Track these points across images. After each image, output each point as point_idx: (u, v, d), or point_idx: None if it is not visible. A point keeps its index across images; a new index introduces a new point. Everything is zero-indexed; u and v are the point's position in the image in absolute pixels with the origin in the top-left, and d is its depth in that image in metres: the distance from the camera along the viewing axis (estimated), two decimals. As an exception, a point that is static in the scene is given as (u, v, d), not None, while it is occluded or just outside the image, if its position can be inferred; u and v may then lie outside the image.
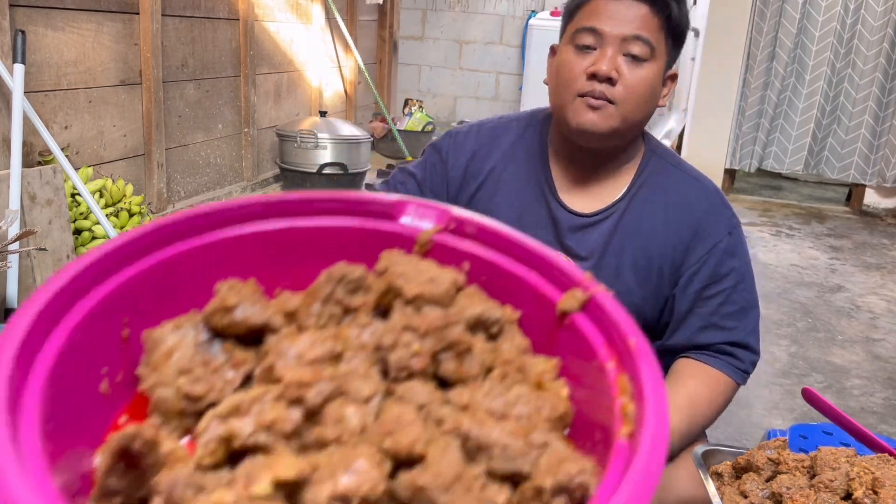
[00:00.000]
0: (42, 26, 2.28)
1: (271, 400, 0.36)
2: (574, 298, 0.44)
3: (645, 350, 0.39)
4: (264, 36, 3.61)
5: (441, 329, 0.42)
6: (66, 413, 0.36)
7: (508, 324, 0.46)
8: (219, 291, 0.43)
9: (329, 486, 0.32)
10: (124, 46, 2.65)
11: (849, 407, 2.10)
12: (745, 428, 1.97)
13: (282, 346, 0.40)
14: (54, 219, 2.10)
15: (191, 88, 3.08)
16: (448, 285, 0.45)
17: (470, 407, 0.39)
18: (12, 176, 1.94)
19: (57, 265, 2.10)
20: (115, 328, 0.42)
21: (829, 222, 4.30)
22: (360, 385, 0.38)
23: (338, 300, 0.44)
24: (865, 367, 2.40)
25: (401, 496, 0.34)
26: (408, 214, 0.50)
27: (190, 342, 0.41)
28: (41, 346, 0.36)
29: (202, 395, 0.39)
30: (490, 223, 0.49)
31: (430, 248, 0.49)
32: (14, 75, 2.03)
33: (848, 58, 4.35)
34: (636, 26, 1.01)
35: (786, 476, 0.78)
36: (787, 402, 2.13)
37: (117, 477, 0.33)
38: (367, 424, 0.37)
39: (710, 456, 0.88)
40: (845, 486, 0.75)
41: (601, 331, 0.42)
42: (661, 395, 0.36)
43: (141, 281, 0.43)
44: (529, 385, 0.42)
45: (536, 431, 0.38)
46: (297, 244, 0.49)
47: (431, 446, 0.35)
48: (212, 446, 0.35)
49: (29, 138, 2.18)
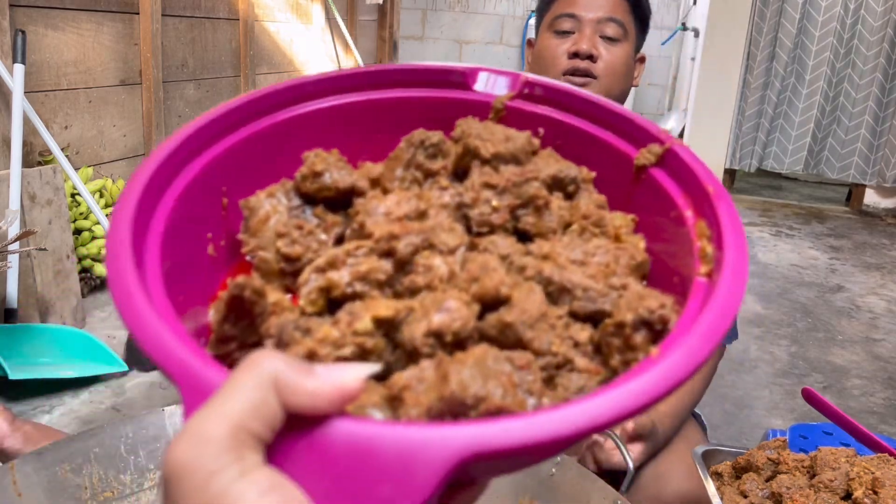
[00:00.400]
0: (42, 26, 2.28)
1: (364, 253, 0.39)
2: (651, 153, 0.45)
3: (722, 194, 0.40)
4: (264, 36, 3.61)
5: (519, 185, 0.43)
6: (181, 275, 0.40)
7: (584, 183, 0.47)
8: (307, 159, 0.45)
9: (424, 323, 0.35)
10: (124, 46, 2.65)
11: (849, 407, 2.10)
12: (745, 428, 1.97)
13: (370, 205, 0.42)
14: (54, 219, 2.10)
15: (191, 88, 3.08)
16: (523, 142, 0.46)
17: (550, 256, 0.40)
18: (12, 176, 1.94)
19: (57, 265, 2.09)
20: (216, 196, 0.45)
21: (829, 222, 4.30)
22: (446, 237, 0.40)
23: (418, 164, 0.46)
24: (865, 368, 2.40)
25: (489, 334, 0.36)
26: (481, 82, 0.52)
27: (283, 209, 0.44)
28: (153, 214, 0.39)
29: (299, 256, 0.42)
30: (563, 85, 0.50)
31: (505, 115, 0.50)
32: (14, 75, 2.02)
33: (848, 58, 4.35)
34: (609, 9, 1.17)
35: (786, 476, 0.78)
36: (787, 402, 2.13)
37: (231, 324, 0.36)
38: (454, 272, 0.39)
39: (710, 456, 0.89)
40: (845, 486, 0.75)
41: (678, 182, 0.43)
42: (740, 234, 0.37)
43: (235, 153, 0.46)
44: (608, 238, 0.43)
45: (616, 276, 0.39)
46: (376, 116, 0.51)
47: (516, 289, 0.37)
48: (313, 296, 0.38)
49: (29, 138, 2.17)
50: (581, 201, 0.46)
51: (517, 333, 0.36)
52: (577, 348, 0.37)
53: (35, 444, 0.83)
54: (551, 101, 0.50)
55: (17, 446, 0.84)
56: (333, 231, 0.44)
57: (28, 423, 0.88)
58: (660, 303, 0.36)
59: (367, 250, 0.39)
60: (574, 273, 0.39)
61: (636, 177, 0.46)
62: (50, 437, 0.85)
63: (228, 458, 0.26)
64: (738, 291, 0.34)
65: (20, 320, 1.98)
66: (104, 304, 2.31)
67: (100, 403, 1.81)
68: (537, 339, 0.36)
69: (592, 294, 0.38)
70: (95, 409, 1.79)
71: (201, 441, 0.26)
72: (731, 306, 0.33)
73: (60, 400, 1.80)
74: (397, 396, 0.32)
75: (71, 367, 1.87)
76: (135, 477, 0.78)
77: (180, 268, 0.40)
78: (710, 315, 0.32)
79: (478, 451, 0.27)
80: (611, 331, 0.36)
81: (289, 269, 0.42)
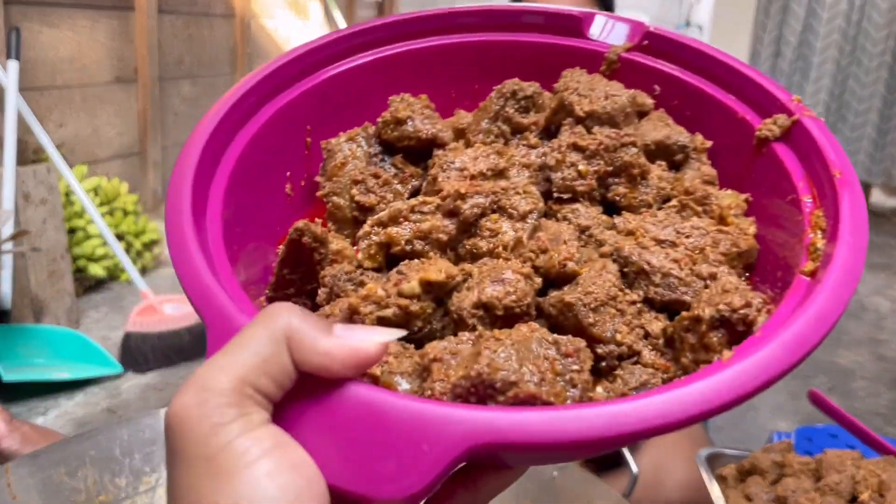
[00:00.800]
0: (37, 23, 2.27)
1: (430, 210, 0.36)
2: (777, 125, 0.40)
3: (851, 182, 0.34)
4: (261, 33, 3.60)
5: (612, 150, 0.39)
6: (251, 210, 0.38)
7: (697, 153, 0.42)
8: (392, 103, 0.43)
9: (475, 293, 0.32)
10: (120, 43, 2.63)
11: (854, 409, 2.08)
12: (750, 430, 1.96)
13: (446, 159, 0.39)
14: (48, 218, 2.08)
15: (187, 86, 3.07)
16: (625, 103, 0.41)
17: (635, 233, 0.37)
18: (6, 175, 1.92)
19: (51, 265, 2.08)
20: (300, 134, 0.43)
21: (833, 222, 4.28)
22: (518, 201, 0.37)
23: (507, 118, 0.43)
24: (871, 369, 2.38)
25: (549, 312, 0.34)
26: (596, 28, 0.47)
27: (362, 154, 0.42)
28: (229, 142, 0.38)
29: (373, 205, 0.40)
30: (690, 39, 0.45)
31: (619, 67, 0.46)
32: (8, 72, 2.01)
33: (853, 55, 4.32)
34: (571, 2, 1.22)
35: (791, 479, 0.77)
36: (792, 404, 2.11)
37: (290, 269, 0.35)
38: (522, 239, 0.36)
39: (715, 459, 0.88)
40: (851, 489, 0.74)
41: (802, 161, 0.38)
42: (860, 231, 0.32)
43: (322, 91, 0.44)
44: (710, 218, 0.38)
45: (705, 263, 0.35)
46: (475, 60, 0.48)
47: (586, 266, 0.34)
48: (372, 250, 0.36)
49: (23, 136, 2.16)
50: (687, 174, 0.41)
51: (577, 316, 0.32)
52: (646, 340, 0.33)
53: (33, 445, 0.82)
54: (673, 55, 0.45)
55: (15, 447, 0.83)
56: (411, 183, 0.42)
57: (26, 424, 0.87)
58: (744, 301, 0.31)
59: (433, 207, 0.36)
60: (656, 255, 0.35)
61: (756, 150, 0.40)
62: (48, 438, 0.85)
63: (232, 413, 0.25)
64: (841, 298, 0.29)
65: (14, 321, 1.97)
66: (99, 304, 2.30)
67: (94, 405, 1.79)
68: (600, 325, 0.33)
69: (672, 281, 0.34)
70: (90, 410, 1.77)
71: (205, 392, 0.25)
72: (829, 314, 0.28)
73: (55, 401, 1.78)
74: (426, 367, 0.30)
75: (65, 369, 1.85)
76: (130, 480, 0.77)
77: (251, 204, 0.38)
78: (802, 322, 0.28)
79: (489, 441, 0.24)
80: (686, 325, 0.32)
81: (361, 218, 0.40)
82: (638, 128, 0.42)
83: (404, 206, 0.37)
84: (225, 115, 0.38)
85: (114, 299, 2.32)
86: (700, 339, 0.32)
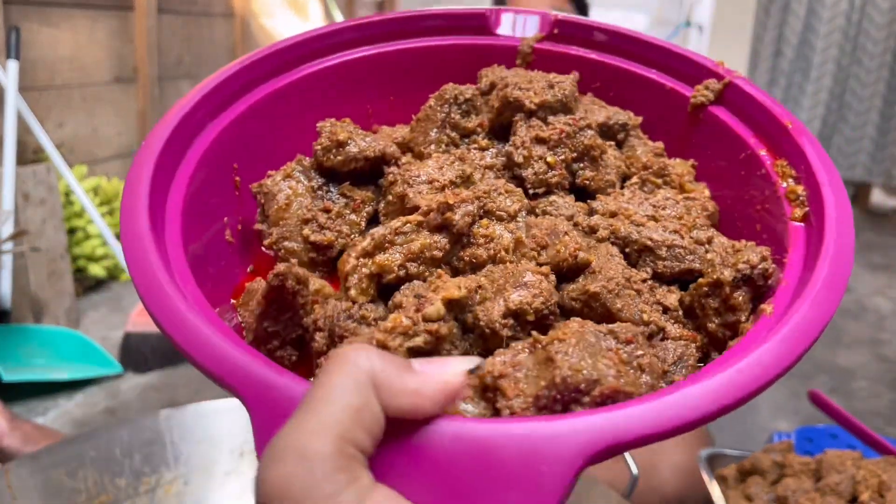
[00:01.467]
0: (36, 23, 2.27)
1: (414, 229, 0.35)
2: (709, 90, 0.41)
3: (803, 129, 0.36)
4: (261, 32, 3.59)
5: (573, 136, 0.39)
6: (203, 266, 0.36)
7: (633, 129, 0.43)
8: (323, 130, 0.41)
9: (500, 302, 0.31)
10: (119, 43, 2.63)
11: (855, 409, 2.08)
12: (751, 431, 1.95)
13: (409, 174, 0.38)
14: (48, 218, 2.08)
15: (186, 86, 3.06)
16: (570, 86, 0.41)
17: (619, 214, 0.37)
18: (6, 175, 1.92)
19: (51, 265, 2.08)
20: (227, 175, 0.41)
21: (834, 221, 4.27)
22: (504, 201, 0.36)
23: (454, 124, 0.42)
24: (872, 369, 2.37)
25: (571, 307, 0.33)
26: (506, 24, 0.47)
27: (304, 190, 0.40)
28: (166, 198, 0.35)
29: (331, 242, 0.38)
30: (601, 22, 0.45)
31: (533, 59, 0.46)
32: (8, 72, 2.00)
33: (854, 55, 4.31)
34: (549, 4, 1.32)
35: (791, 479, 0.77)
36: (793, 404, 2.10)
37: (272, 320, 0.33)
38: (521, 239, 0.35)
39: (715, 459, 0.88)
40: (851, 489, 0.74)
41: (745, 119, 0.39)
42: (832, 169, 0.33)
43: (240, 124, 0.41)
44: (673, 188, 0.39)
45: (696, 229, 0.36)
46: (388, 72, 0.46)
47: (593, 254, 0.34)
48: (364, 283, 0.34)
49: (22, 136, 2.16)
50: (638, 150, 0.42)
51: (605, 304, 0.32)
52: (666, 314, 0.33)
53: (34, 444, 0.83)
54: (587, 40, 0.45)
55: (16, 445, 0.83)
56: (364, 209, 0.40)
57: (27, 423, 0.88)
58: (761, 255, 0.32)
59: (417, 225, 0.35)
60: (654, 230, 0.35)
61: (693, 117, 0.41)
62: (49, 437, 0.85)
63: (342, 479, 0.22)
64: (848, 231, 0.30)
65: (14, 321, 1.97)
66: (98, 304, 2.30)
67: (94, 405, 1.79)
68: (627, 309, 0.32)
69: (679, 252, 0.34)
70: (90, 411, 1.77)
71: (306, 459, 0.22)
72: (847, 248, 0.30)
73: (54, 402, 1.78)
74: (493, 386, 0.28)
75: (65, 369, 1.85)
76: (130, 481, 0.77)
77: (200, 259, 0.36)
78: (829, 260, 0.29)
79: (613, 443, 0.24)
80: (705, 291, 0.32)
81: (319, 259, 0.38)
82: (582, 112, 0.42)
83: (385, 230, 0.35)
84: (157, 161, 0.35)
85: (114, 299, 2.32)
86: (724, 302, 0.32)
